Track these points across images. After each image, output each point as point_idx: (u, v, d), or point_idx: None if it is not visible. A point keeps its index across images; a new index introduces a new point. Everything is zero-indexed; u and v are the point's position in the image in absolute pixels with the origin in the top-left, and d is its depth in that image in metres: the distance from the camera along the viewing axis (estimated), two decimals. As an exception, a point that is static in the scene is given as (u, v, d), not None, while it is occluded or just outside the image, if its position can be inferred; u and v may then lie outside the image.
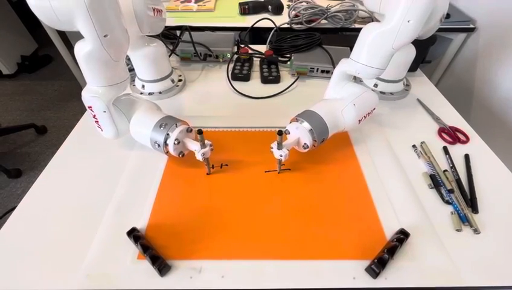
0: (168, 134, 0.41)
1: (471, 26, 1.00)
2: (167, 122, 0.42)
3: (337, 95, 0.48)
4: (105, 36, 0.35)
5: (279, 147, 0.41)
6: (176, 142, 0.41)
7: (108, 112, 0.41)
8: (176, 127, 0.42)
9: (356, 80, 0.67)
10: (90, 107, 0.41)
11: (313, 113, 0.44)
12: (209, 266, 0.35)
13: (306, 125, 0.42)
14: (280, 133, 0.39)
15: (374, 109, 0.48)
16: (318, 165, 0.48)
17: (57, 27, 0.34)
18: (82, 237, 0.38)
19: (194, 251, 0.37)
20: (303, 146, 0.44)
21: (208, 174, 0.46)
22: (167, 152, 0.43)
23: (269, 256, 0.36)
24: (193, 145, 0.43)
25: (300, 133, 0.43)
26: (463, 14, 1.04)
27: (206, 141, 0.42)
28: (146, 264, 0.34)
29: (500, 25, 0.91)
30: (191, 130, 0.45)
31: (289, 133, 0.45)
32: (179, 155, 0.43)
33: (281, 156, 0.41)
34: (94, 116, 0.43)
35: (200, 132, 0.39)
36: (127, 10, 0.47)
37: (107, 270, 0.35)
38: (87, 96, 0.40)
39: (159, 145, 0.42)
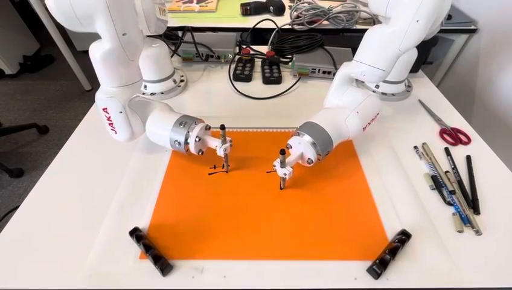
0: (188, 132, 0.42)
1: (473, 27, 1.00)
2: (186, 120, 0.42)
3: (338, 101, 0.47)
4: (123, 35, 0.35)
5: (283, 165, 0.39)
6: (196, 140, 0.41)
7: (124, 112, 0.41)
8: (196, 124, 0.42)
9: (357, 83, 0.67)
10: (105, 109, 0.41)
11: (315, 125, 0.42)
12: (211, 266, 0.35)
13: (308, 139, 0.40)
14: (282, 152, 0.37)
15: (378, 114, 0.47)
16: (319, 166, 0.47)
17: (75, 29, 0.34)
18: (84, 237, 0.38)
19: (196, 251, 0.37)
20: (307, 161, 0.42)
21: (226, 171, 0.47)
22: (187, 150, 0.43)
23: (271, 256, 0.36)
24: (214, 142, 0.43)
25: (303, 148, 0.41)
26: (464, 15, 1.04)
27: (226, 137, 0.42)
28: (148, 264, 0.35)
29: (502, 26, 0.91)
30: (209, 128, 0.45)
31: (291, 148, 0.43)
32: (198, 153, 0.43)
33: (285, 174, 0.39)
34: (108, 118, 0.42)
35: (222, 127, 0.40)
36: (136, 10, 0.47)
37: (109, 269, 0.35)
38: (102, 97, 0.40)
39: (179, 144, 0.42)
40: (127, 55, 0.37)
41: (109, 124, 0.43)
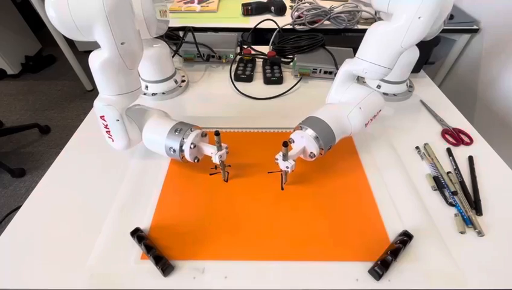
0: (183, 139, 0.41)
1: (475, 27, 0.99)
2: (182, 127, 0.42)
3: (340, 97, 0.47)
4: (122, 44, 0.35)
5: (285, 158, 0.39)
6: (191, 146, 0.41)
7: (121, 120, 0.41)
8: (191, 131, 0.42)
9: (359, 81, 0.67)
10: (103, 116, 0.41)
11: (318, 119, 0.42)
12: (212, 267, 0.35)
13: (311, 133, 0.40)
14: (285, 144, 0.37)
15: (380, 110, 0.47)
16: (321, 167, 0.47)
17: (75, 38, 0.34)
18: (86, 237, 0.38)
19: (197, 252, 0.37)
20: (309, 155, 0.42)
21: (224, 180, 0.46)
22: (182, 157, 0.42)
23: (272, 257, 0.36)
24: (209, 149, 0.42)
25: (305, 142, 0.41)
26: (467, 15, 1.04)
27: (222, 144, 0.41)
28: (149, 264, 0.35)
29: (504, 26, 0.90)
30: (206, 135, 0.45)
31: (294, 142, 0.43)
32: (194, 160, 0.43)
33: (287, 167, 0.39)
34: (106, 126, 0.42)
35: (217, 133, 0.39)
36: (136, 14, 0.47)
37: (110, 270, 0.35)
38: (100, 105, 0.40)
39: (174, 151, 0.42)
40: (125, 64, 0.37)
41: (106, 131, 0.43)
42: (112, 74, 0.38)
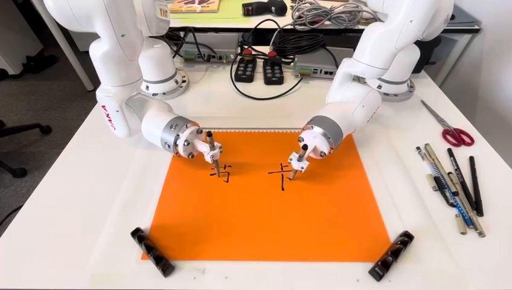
0: (178, 135, 0.41)
1: (476, 27, 0.99)
2: (178, 122, 0.42)
3: (341, 96, 0.48)
4: (122, 36, 0.35)
5: (301, 159, 0.41)
6: (185, 144, 0.41)
7: (120, 111, 0.42)
8: (186, 128, 0.42)
9: (360, 80, 0.67)
10: (104, 106, 0.42)
11: (328, 119, 0.43)
12: (213, 267, 0.35)
13: (324, 133, 0.42)
14: (305, 147, 0.39)
15: (378, 107, 0.48)
16: (322, 168, 0.47)
17: (75, 29, 0.34)
18: (86, 237, 0.38)
19: (198, 252, 0.37)
20: (320, 154, 0.43)
21: (219, 177, 0.46)
22: (177, 153, 0.43)
23: (273, 258, 0.36)
24: (203, 147, 0.42)
25: (317, 142, 0.43)
26: (468, 15, 1.03)
27: (215, 143, 0.41)
28: (150, 265, 0.35)
29: (505, 26, 0.90)
30: (201, 131, 0.45)
31: (303, 141, 0.45)
32: (188, 156, 0.43)
33: (302, 168, 0.41)
34: (107, 115, 0.43)
35: (209, 134, 0.39)
36: (137, 11, 0.47)
37: (111, 270, 0.35)
38: (101, 95, 0.40)
39: (169, 146, 0.42)
40: (126, 56, 0.37)
41: (108, 120, 0.44)
42: (112, 65, 0.38)
